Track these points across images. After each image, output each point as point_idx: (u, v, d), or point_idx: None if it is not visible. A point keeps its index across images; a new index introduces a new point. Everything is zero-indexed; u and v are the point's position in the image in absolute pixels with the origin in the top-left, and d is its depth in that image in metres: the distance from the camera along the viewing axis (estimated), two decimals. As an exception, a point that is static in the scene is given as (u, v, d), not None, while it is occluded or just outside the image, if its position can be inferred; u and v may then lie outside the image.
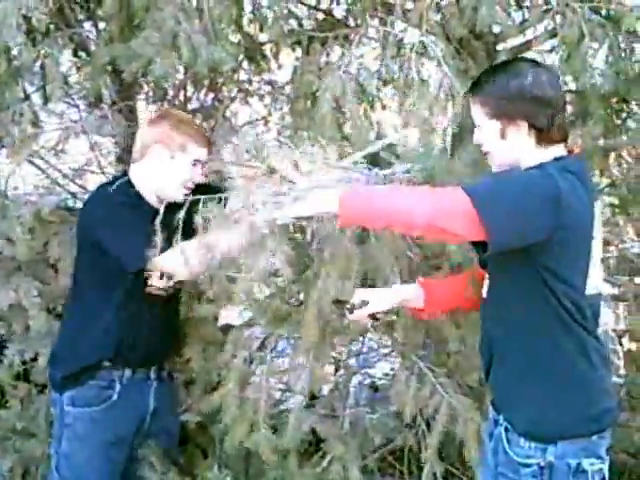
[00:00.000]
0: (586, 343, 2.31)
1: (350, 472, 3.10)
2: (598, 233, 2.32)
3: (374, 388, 4.24)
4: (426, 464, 3.18)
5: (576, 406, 2.30)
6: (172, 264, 2.71)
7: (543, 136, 2.27)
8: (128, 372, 2.98)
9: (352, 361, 3.96)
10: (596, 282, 2.34)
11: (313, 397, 3.67)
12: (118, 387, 2.95)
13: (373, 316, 2.62)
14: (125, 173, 3.00)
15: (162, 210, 2.49)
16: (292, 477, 3.08)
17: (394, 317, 3.12)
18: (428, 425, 3.11)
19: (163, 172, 2.91)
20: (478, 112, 2.34)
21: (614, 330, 4.15)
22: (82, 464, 2.96)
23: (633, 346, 4.18)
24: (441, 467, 3.17)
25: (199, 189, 2.84)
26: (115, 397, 2.95)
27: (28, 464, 3.47)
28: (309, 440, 3.27)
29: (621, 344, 4.21)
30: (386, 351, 3.92)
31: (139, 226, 2.66)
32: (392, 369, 4.07)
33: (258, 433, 2.86)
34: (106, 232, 2.79)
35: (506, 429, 2.38)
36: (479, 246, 2.29)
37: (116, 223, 2.79)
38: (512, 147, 2.31)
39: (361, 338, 3.74)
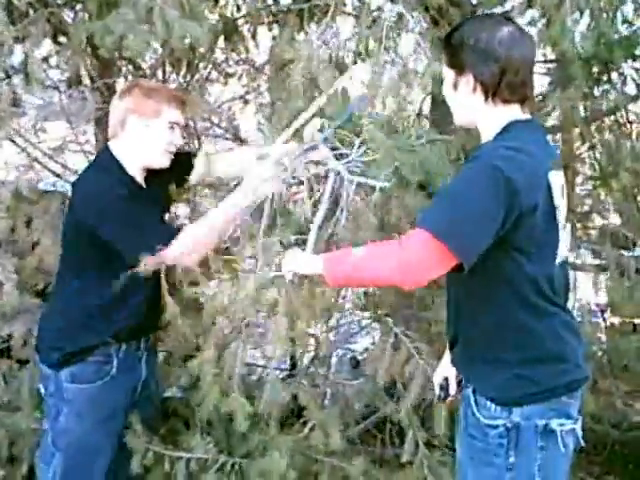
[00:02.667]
0: (555, 317, 2.32)
1: (331, 439, 3.13)
2: (560, 201, 2.30)
3: (355, 362, 4.26)
4: (407, 432, 3.25)
5: (543, 377, 2.29)
6: (180, 256, 2.76)
7: (490, 93, 2.26)
8: (124, 346, 3.01)
9: (332, 335, 4.00)
10: (563, 250, 2.36)
11: (294, 366, 3.71)
12: (116, 361, 2.98)
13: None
14: (107, 148, 2.99)
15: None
16: (273, 443, 3.10)
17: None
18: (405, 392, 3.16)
19: (142, 141, 2.93)
20: (443, 62, 2.37)
21: (597, 304, 4.15)
22: (82, 438, 2.98)
23: (616, 320, 4.18)
24: (423, 435, 3.24)
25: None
26: (114, 371, 2.98)
27: (14, 437, 3.50)
28: (291, 408, 3.31)
29: (604, 319, 4.21)
30: (367, 322, 3.96)
31: (136, 215, 2.73)
32: (373, 344, 4.11)
33: (231, 397, 2.89)
34: (106, 227, 2.79)
35: (474, 391, 2.39)
36: None
37: (115, 217, 2.78)
38: (462, 100, 2.32)
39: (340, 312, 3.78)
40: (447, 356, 2.67)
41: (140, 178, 2.99)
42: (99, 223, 2.80)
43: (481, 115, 2.32)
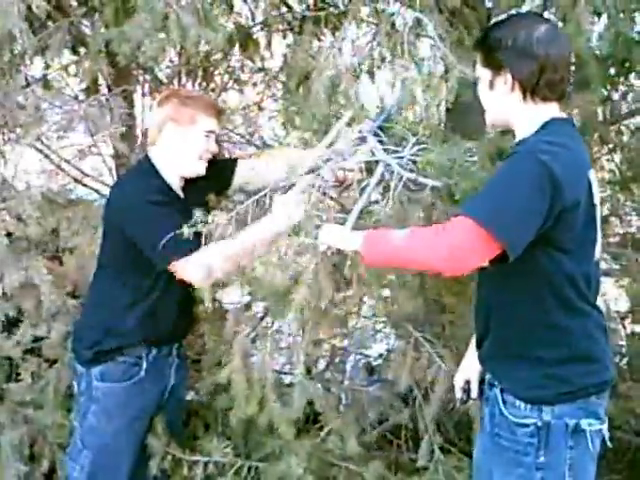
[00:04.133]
0: (588, 317, 2.32)
1: (347, 444, 3.15)
2: (597, 199, 2.30)
3: (369, 369, 4.25)
4: (424, 437, 3.24)
5: (574, 376, 2.28)
6: (194, 273, 2.78)
7: (529, 91, 2.26)
8: (155, 350, 3.04)
9: (346, 342, 4.00)
10: (599, 249, 2.35)
11: (308, 371, 3.71)
12: (145, 364, 3.01)
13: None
14: (147, 155, 3.04)
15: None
16: (290, 447, 3.11)
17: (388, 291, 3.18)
18: (425, 398, 3.15)
19: (178, 149, 2.97)
20: (477, 62, 2.38)
21: (617, 312, 4.12)
22: (108, 437, 3.02)
23: (637, 328, 4.14)
24: (438, 439, 3.23)
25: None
26: (142, 374, 3.01)
27: (36, 435, 3.53)
28: (306, 413, 3.31)
29: (624, 326, 4.18)
30: (380, 327, 3.96)
31: (162, 223, 2.73)
32: (388, 350, 4.11)
33: (268, 407, 2.91)
34: (138, 230, 2.83)
35: (502, 390, 2.38)
36: None
37: (140, 220, 2.82)
38: (500, 99, 2.32)
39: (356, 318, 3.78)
40: (468, 358, 2.67)
41: (178, 186, 3.03)
42: (125, 224, 2.85)
43: (518, 114, 2.32)
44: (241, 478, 3.15)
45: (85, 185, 3.90)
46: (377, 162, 2.60)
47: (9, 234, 3.36)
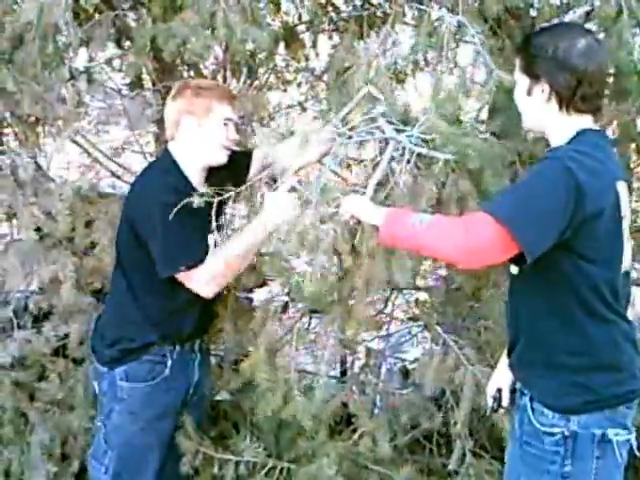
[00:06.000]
0: (614, 326, 2.32)
1: (380, 447, 3.14)
2: (627, 211, 2.31)
3: (404, 372, 4.24)
4: (455, 442, 3.23)
5: (599, 385, 2.30)
6: (208, 280, 2.82)
7: (565, 102, 2.28)
8: (178, 347, 3.03)
9: (382, 344, 4.00)
10: (627, 261, 2.35)
11: (344, 373, 3.71)
12: (170, 362, 3.01)
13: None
14: (167, 150, 3.02)
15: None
16: (323, 448, 3.11)
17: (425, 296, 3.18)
18: (456, 402, 3.14)
19: (198, 140, 2.95)
20: (516, 66, 2.39)
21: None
22: (133, 436, 3.00)
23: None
24: (469, 444, 3.22)
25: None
26: (167, 372, 3.00)
27: (67, 435, 3.53)
28: (340, 415, 3.31)
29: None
30: (416, 332, 3.95)
31: (179, 230, 2.73)
32: (424, 354, 4.10)
33: (293, 402, 2.91)
34: (148, 232, 2.83)
35: (531, 399, 2.39)
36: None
37: (159, 226, 2.78)
38: (536, 107, 2.34)
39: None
40: (500, 366, 2.68)
41: (199, 179, 3.00)
42: (141, 224, 2.85)
43: (553, 123, 2.34)
44: (272, 478, 3.13)
45: (124, 181, 3.88)
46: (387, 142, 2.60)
47: (38, 229, 3.35)
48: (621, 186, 2.28)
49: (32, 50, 3.09)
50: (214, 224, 2.72)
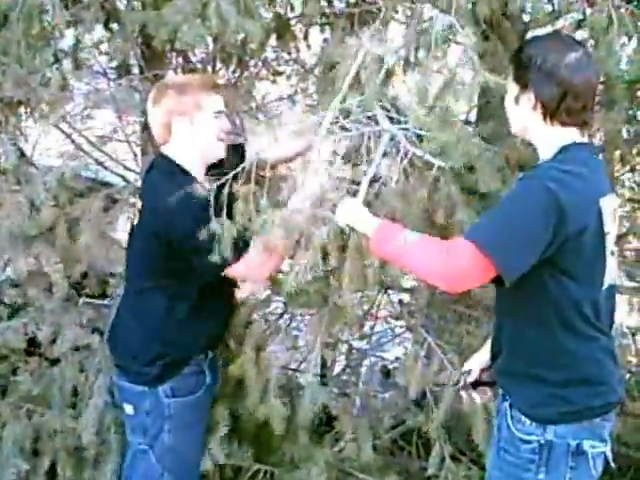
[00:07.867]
0: (595, 342, 2.34)
1: (362, 451, 3.15)
2: (611, 227, 2.31)
3: (385, 372, 4.24)
4: (434, 445, 3.22)
5: (578, 397, 2.32)
6: (250, 271, 2.77)
7: (549, 114, 2.27)
8: (210, 353, 3.01)
9: (363, 343, 3.98)
10: (612, 275, 2.37)
11: (324, 375, 3.68)
12: (207, 370, 2.98)
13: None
14: (162, 155, 2.91)
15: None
16: (306, 453, 3.11)
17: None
18: (437, 404, 3.14)
19: (194, 138, 2.86)
20: (510, 74, 2.38)
21: (628, 327, 4.12)
22: (188, 452, 3.00)
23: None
24: (449, 448, 3.21)
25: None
26: (208, 379, 2.98)
27: (40, 432, 3.42)
28: (320, 417, 3.27)
29: (634, 342, 4.18)
30: (399, 331, 3.94)
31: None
32: (405, 354, 4.09)
33: (269, 403, 2.90)
34: (179, 236, 2.71)
35: (510, 405, 2.41)
36: None
37: (188, 227, 2.62)
38: (522, 115, 2.33)
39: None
40: (480, 352, 2.70)
41: (202, 177, 2.89)
42: (173, 234, 2.73)
43: (537, 132, 2.34)
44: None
45: (108, 169, 3.80)
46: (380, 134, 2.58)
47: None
48: (606, 201, 2.29)
49: (16, 30, 3.03)
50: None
